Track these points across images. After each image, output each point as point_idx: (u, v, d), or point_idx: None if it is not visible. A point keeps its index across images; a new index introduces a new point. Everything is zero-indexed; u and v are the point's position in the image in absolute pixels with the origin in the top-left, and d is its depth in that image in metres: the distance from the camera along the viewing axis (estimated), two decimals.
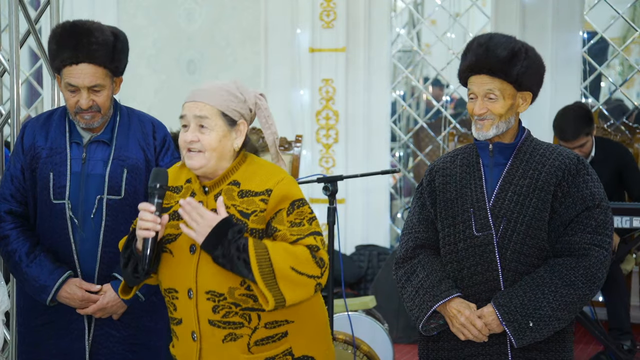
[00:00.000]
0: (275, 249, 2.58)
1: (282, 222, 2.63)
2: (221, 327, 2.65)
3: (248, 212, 2.64)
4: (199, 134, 2.65)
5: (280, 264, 2.55)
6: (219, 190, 2.69)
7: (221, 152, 2.67)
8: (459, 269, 2.96)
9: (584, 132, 5.05)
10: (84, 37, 3.16)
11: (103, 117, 3.26)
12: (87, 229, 3.25)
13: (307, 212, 2.67)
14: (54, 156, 3.28)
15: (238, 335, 2.65)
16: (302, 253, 2.59)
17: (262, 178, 2.68)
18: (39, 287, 3.23)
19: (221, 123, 2.66)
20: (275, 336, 2.68)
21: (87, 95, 3.18)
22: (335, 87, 6.82)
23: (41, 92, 7.48)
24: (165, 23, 7.01)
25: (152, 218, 2.62)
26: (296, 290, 2.59)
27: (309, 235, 2.63)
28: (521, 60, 2.90)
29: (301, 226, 2.63)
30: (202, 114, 2.64)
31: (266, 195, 2.64)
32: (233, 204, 2.66)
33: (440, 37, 7.39)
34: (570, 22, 6.52)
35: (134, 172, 3.28)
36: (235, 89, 2.71)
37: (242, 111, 2.70)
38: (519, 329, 2.83)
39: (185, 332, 2.72)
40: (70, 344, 3.28)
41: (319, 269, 2.61)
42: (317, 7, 6.78)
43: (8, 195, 3.33)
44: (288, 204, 2.64)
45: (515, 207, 2.91)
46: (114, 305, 3.24)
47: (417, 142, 7.60)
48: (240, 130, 2.70)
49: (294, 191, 2.68)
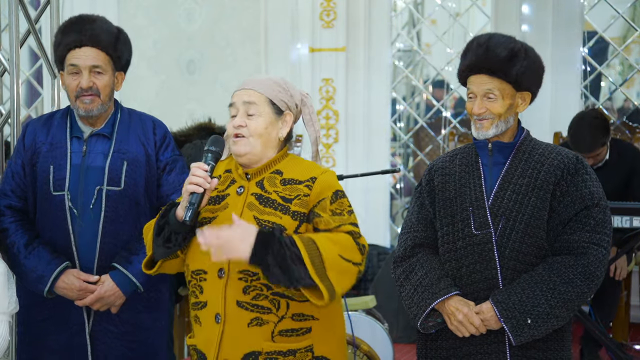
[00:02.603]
0: (320, 239, 2.60)
1: (325, 210, 2.68)
2: (249, 309, 2.65)
3: (291, 197, 2.69)
4: (246, 120, 2.71)
5: (328, 253, 2.57)
6: (261, 177, 2.74)
7: (267, 140, 2.73)
8: (458, 268, 2.97)
9: (601, 143, 4.91)
10: (87, 23, 3.28)
11: (103, 105, 3.29)
12: (86, 219, 3.27)
13: (347, 205, 2.72)
14: (54, 150, 3.32)
15: (264, 321, 2.66)
16: (346, 239, 2.63)
17: (306, 169, 2.75)
18: (36, 278, 3.25)
19: (268, 110, 2.73)
20: (300, 330, 2.69)
21: (87, 76, 3.25)
22: (335, 87, 6.83)
23: (41, 92, 7.49)
24: (165, 23, 7.02)
25: (204, 175, 2.65)
26: (344, 279, 2.61)
27: (349, 224, 2.67)
28: (520, 61, 2.91)
29: (342, 215, 2.68)
30: (251, 100, 2.72)
31: (311, 182, 2.70)
32: (275, 190, 2.71)
33: (441, 37, 7.40)
34: (570, 22, 6.52)
35: (133, 165, 3.31)
36: (284, 83, 2.80)
37: (289, 103, 2.78)
38: (517, 326, 2.84)
39: (208, 316, 2.71)
40: (70, 338, 3.30)
41: (361, 255, 2.65)
42: (317, 7, 6.79)
43: (8, 190, 3.36)
44: (331, 193, 2.70)
45: (514, 206, 2.92)
46: (112, 295, 3.25)
47: (417, 142, 7.61)
48: (287, 121, 2.77)
49: (336, 183, 2.75)
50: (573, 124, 5.03)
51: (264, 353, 2.66)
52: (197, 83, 7.04)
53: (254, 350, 2.66)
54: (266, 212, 2.68)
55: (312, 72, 6.82)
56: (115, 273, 3.27)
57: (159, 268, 2.82)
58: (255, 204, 2.70)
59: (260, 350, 2.66)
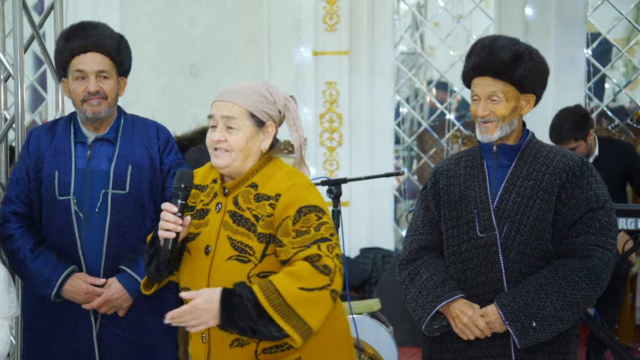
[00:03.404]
0: (278, 278, 2.51)
1: (288, 233, 2.57)
2: (229, 330, 2.62)
3: (259, 217, 2.62)
4: (226, 134, 2.64)
5: (287, 289, 2.48)
6: (238, 192, 2.68)
7: (247, 153, 2.66)
8: (463, 270, 2.97)
9: (573, 137, 4.95)
10: (91, 29, 3.30)
11: (109, 108, 3.32)
12: (92, 223, 3.28)
13: (314, 220, 2.58)
14: (58, 155, 3.34)
15: (245, 342, 2.62)
16: (302, 269, 2.51)
17: (276, 182, 2.65)
18: (43, 282, 3.26)
19: (249, 124, 2.64)
20: (283, 345, 2.61)
21: (94, 80, 3.27)
22: (338, 90, 6.83)
23: (45, 97, 7.50)
24: (168, 27, 7.03)
25: (174, 219, 2.61)
26: (315, 309, 2.51)
27: (312, 245, 2.54)
28: (525, 63, 2.91)
29: (306, 234, 2.56)
30: (230, 114, 2.63)
31: (274, 200, 2.60)
32: (248, 207, 2.64)
33: (444, 40, 7.40)
34: (574, 24, 6.52)
35: (138, 169, 3.33)
36: (265, 90, 2.68)
37: (270, 113, 2.68)
38: (522, 329, 2.83)
39: (196, 334, 2.72)
40: (78, 343, 3.31)
41: (326, 276, 2.51)
42: (320, 11, 6.79)
43: (14, 196, 3.37)
44: (294, 212, 2.58)
45: (519, 209, 2.92)
46: (119, 298, 3.26)
47: (420, 145, 7.60)
48: (269, 132, 2.68)
49: (304, 196, 2.61)
50: (554, 116, 5.15)
51: None
52: (201, 86, 7.04)
53: None
54: (239, 231, 2.62)
55: (315, 75, 6.82)
56: (122, 275, 3.28)
57: (156, 288, 2.84)
58: (230, 222, 2.64)
59: None
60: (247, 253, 2.61)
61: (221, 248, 2.64)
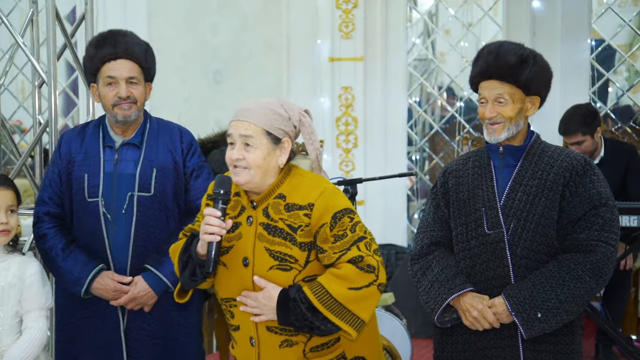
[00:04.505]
0: (327, 280, 2.57)
1: (327, 240, 2.60)
2: (278, 333, 2.65)
3: (295, 227, 2.62)
4: (244, 152, 2.63)
5: (338, 291, 2.55)
6: (266, 204, 2.67)
7: (266, 169, 2.64)
8: (472, 265, 2.97)
9: (580, 131, 4.97)
10: (121, 37, 3.32)
11: (139, 112, 3.33)
12: (119, 224, 3.30)
13: (348, 222, 2.61)
14: (88, 159, 3.35)
15: (294, 342, 2.65)
16: (348, 272, 2.56)
17: (305, 191, 2.65)
18: (73, 280, 3.28)
19: (266, 141, 2.63)
20: (329, 342, 2.67)
21: (125, 86, 3.28)
22: (354, 95, 6.83)
23: (77, 102, 7.55)
24: (192, 36, 7.06)
25: (218, 223, 2.60)
26: (365, 303, 2.58)
27: (352, 247, 2.59)
28: (529, 66, 2.91)
29: (344, 238, 2.60)
30: (247, 133, 2.62)
31: (309, 209, 2.62)
32: (281, 218, 2.64)
33: (454, 46, 7.38)
34: (579, 30, 6.48)
35: (162, 172, 3.34)
36: (280, 107, 2.67)
37: (286, 129, 2.67)
38: (527, 320, 2.83)
39: (243, 338, 2.73)
40: (106, 336, 3.33)
41: (371, 274, 2.57)
42: (337, 19, 6.79)
43: (47, 198, 3.39)
44: (330, 218, 2.60)
45: (525, 206, 2.92)
46: (144, 295, 3.28)
47: (432, 146, 7.59)
48: (285, 148, 2.67)
49: (335, 202, 2.63)
50: (565, 112, 5.16)
51: None
52: (223, 92, 7.06)
53: None
54: (276, 242, 2.64)
55: (332, 80, 6.82)
56: (147, 274, 3.30)
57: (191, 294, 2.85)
58: (264, 234, 2.65)
59: None
60: (288, 262, 2.62)
61: (260, 259, 2.65)
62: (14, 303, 3.09)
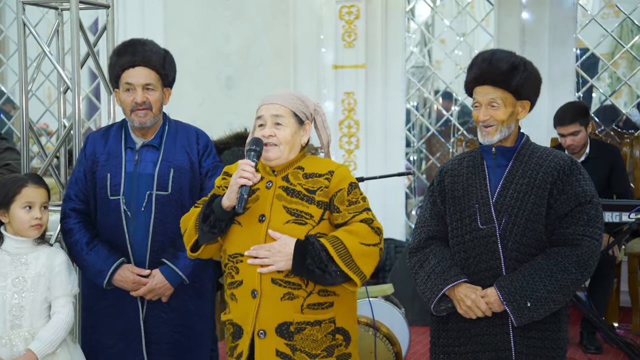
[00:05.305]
0: (342, 234, 2.70)
1: (343, 202, 2.75)
2: (282, 285, 2.71)
3: (314, 189, 2.76)
4: (275, 130, 2.79)
5: (351, 243, 2.68)
6: (286, 173, 2.81)
7: (292, 145, 2.81)
8: (466, 258, 2.97)
9: (579, 121, 4.99)
10: (139, 46, 3.32)
11: (154, 117, 3.33)
12: (138, 220, 3.30)
13: (360, 193, 2.80)
14: (111, 159, 3.35)
15: (295, 296, 2.71)
16: (361, 228, 2.72)
17: (324, 165, 2.83)
18: (96, 272, 3.29)
19: (293, 121, 2.82)
20: (324, 304, 2.75)
21: (141, 92, 3.28)
22: (356, 99, 6.83)
23: (99, 107, 7.56)
24: (206, 44, 7.06)
25: (252, 170, 2.71)
26: (369, 262, 2.71)
27: (363, 211, 2.76)
28: (520, 73, 2.91)
29: (357, 204, 2.76)
30: (278, 113, 2.80)
31: (329, 175, 2.78)
32: (299, 183, 2.78)
33: (449, 54, 7.37)
34: (565, 40, 6.48)
35: (179, 172, 3.33)
36: (301, 96, 2.88)
37: (307, 113, 2.87)
38: (517, 309, 2.83)
39: (245, 292, 2.75)
40: (126, 324, 3.34)
41: (378, 236, 2.74)
42: (340, 29, 6.80)
43: (73, 195, 3.40)
44: (347, 184, 2.77)
45: (515, 203, 2.91)
46: (162, 287, 3.28)
47: (429, 147, 7.58)
48: (306, 130, 2.87)
49: (350, 175, 2.82)
50: (558, 109, 5.17)
51: (295, 323, 2.71)
52: (235, 97, 7.06)
53: (287, 321, 2.71)
54: (293, 201, 2.75)
55: (335, 86, 6.82)
56: (164, 268, 3.30)
57: (201, 252, 2.87)
58: (283, 195, 2.77)
59: (292, 321, 2.71)
60: (304, 217, 2.74)
61: (276, 215, 2.74)
62: (44, 290, 3.14)
